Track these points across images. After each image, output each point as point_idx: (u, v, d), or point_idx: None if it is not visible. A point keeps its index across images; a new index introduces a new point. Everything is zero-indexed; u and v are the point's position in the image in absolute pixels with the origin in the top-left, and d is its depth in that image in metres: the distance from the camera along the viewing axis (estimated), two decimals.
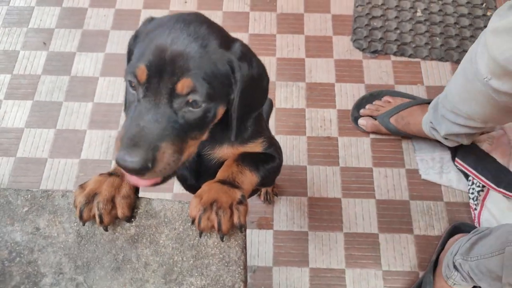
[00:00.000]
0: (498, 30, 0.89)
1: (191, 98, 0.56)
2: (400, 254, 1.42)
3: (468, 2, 1.84)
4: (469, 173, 1.48)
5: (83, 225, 0.60)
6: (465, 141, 1.32)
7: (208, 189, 0.62)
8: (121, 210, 0.59)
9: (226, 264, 0.58)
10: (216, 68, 0.58)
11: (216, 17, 1.82)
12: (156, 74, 0.55)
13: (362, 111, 1.59)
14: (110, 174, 0.62)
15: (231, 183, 0.64)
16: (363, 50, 1.76)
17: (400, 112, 1.50)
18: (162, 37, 0.57)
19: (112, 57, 1.74)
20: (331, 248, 1.43)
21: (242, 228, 0.60)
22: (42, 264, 0.57)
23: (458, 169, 1.51)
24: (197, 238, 0.60)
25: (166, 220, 0.61)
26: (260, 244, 1.43)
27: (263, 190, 1.47)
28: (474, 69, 1.01)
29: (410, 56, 1.74)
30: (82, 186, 0.60)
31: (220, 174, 0.67)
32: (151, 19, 0.63)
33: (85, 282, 0.57)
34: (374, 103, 1.60)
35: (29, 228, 0.59)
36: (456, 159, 1.51)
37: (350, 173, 1.53)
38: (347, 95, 1.67)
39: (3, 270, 0.57)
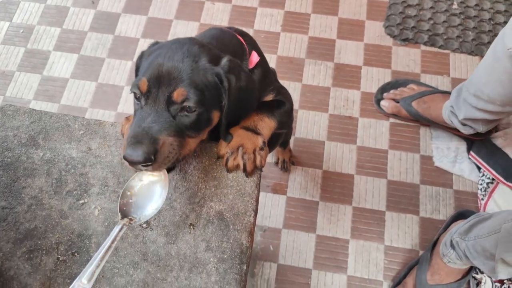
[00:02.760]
0: None
1: (185, 104, 0.67)
2: (403, 232, 1.50)
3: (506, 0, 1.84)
4: (481, 166, 1.53)
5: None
6: (481, 128, 1.37)
7: (235, 135, 0.73)
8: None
9: (241, 195, 0.69)
10: (206, 80, 0.69)
11: None
12: (155, 85, 0.66)
13: (385, 95, 1.66)
14: None
15: (253, 130, 0.74)
16: (394, 37, 1.80)
17: (422, 97, 1.56)
18: (161, 55, 0.69)
19: (153, 20, 1.85)
20: (338, 219, 1.52)
21: (261, 169, 0.71)
22: (91, 176, 0.69)
23: (471, 161, 1.56)
24: (219, 171, 0.70)
25: (195, 154, 0.72)
26: (272, 207, 1.54)
27: (281, 158, 1.57)
28: (502, 44, 1.07)
29: (440, 47, 1.78)
30: (127, 118, 0.72)
31: (243, 122, 0.77)
32: (155, 43, 0.75)
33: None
34: (398, 88, 1.65)
35: (83, 147, 0.71)
36: (471, 152, 1.56)
37: (365, 153, 1.61)
38: (373, 78, 1.73)
39: (60, 177, 0.69)
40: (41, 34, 1.83)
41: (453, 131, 1.59)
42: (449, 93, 1.54)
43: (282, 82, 1.38)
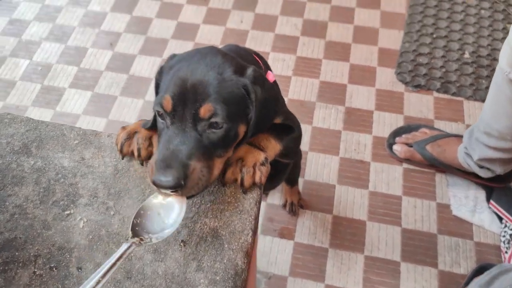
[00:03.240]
0: None
1: (213, 120, 0.62)
2: (421, 286, 1.38)
3: None
4: (502, 215, 1.43)
5: (122, 159, 0.68)
6: (499, 170, 1.30)
7: (237, 149, 0.69)
8: (156, 147, 0.66)
9: (239, 212, 0.63)
10: (233, 92, 0.65)
11: (267, 38, 1.95)
12: (181, 102, 0.63)
13: (397, 139, 1.61)
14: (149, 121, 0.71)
15: (257, 146, 0.70)
16: (406, 83, 1.79)
17: (437, 141, 1.51)
18: (183, 69, 0.65)
19: None
20: (349, 268, 1.41)
21: (261, 186, 0.66)
22: (81, 187, 0.65)
23: (491, 211, 1.47)
24: (217, 186, 0.65)
25: None
26: (279, 253, 1.44)
27: (289, 200, 1.50)
28: (499, 71, 1.06)
29: (453, 94, 1.75)
30: (124, 127, 0.68)
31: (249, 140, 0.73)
32: (173, 56, 0.72)
33: (114, 207, 0.63)
34: (411, 133, 1.61)
35: (76, 157, 0.68)
36: (491, 201, 1.47)
37: (378, 198, 1.53)
38: (385, 123, 1.70)
39: (48, 187, 0.65)
40: (58, 72, 1.88)
41: (471, 178, 1.52)
42: (462, 136, 1.49)
43: None
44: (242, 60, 0.73)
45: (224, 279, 0.58)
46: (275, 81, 0.89)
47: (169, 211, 0.59)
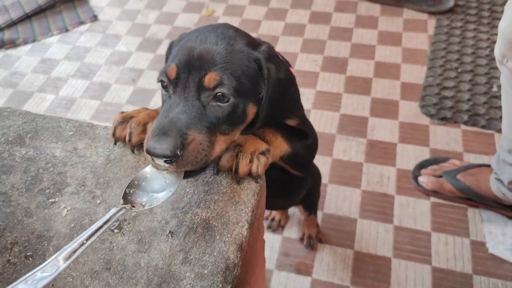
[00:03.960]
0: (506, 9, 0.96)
1: (218, 91, 0.58)
2: None
3: None
4: None
5: (115, 144, 0.64)
6: None
7: (239, 136, 0.63)
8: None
9: (234, 203, 0.57)
10: (244, 65, 0.60)
11: None
12: (185, 70, 0.59)
13: (423, 171, 1.51)
14: (147, 109, 0.67)
15: (260, 138, 0.65)
16: (430, 116, 1.72)
17: (468, 170, 1.41)
18: (192, 39, 0.62)
19: None
20: None
21: (258, 179, 0.59)
22: (70, 176, 0.61)
23: None
24: (213, 176, 0.60)
25: None
26: None
27: (307, 233, 1.40)
28: (502, 72, 1.04)
29: (482, 127, 1.66)
30: (122, 112, 0.65)
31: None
32: (184, 33, 0.69)
33: (101, 196, 0.59)
34: (439, 164, 1.51)
35: (69, 147, 0.65)
36: None
37: (404, 233, 1.41)
38: (409, 156, 1.61)
39: (36, 175, 0.61)
40: (81, 106, 1.92)
41: (507, 213, 1.38)
42: None
43: None
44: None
45: (212, 273, 0.50)
46: (294, 78, 0.84)
47: (162, 182, 0.54)
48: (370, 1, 2.29)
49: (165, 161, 0.53)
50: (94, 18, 2.41)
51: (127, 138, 0.62)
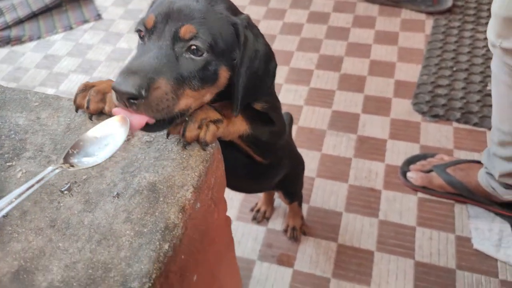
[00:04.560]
0: None
1: (193, 43, 0.59)
2: None
3: None
4: None
5: (76, 111, 0.66)
6: None
7: None
8: (108, 105, 0.64)
9: (182, 168, 0.58)
10: (221, 26, 0.62)
11: (282, 71, 1.97)
12: (163, 20, 0.60)
13: (412, 166, 1.51)
14: (112, 80, 0.69)
15: (217, 110, 0.66)
16: (423, 113, 1.72)
17: (458, 165, 1.40)
18: None
19: None
20: None
21: (206, 146, 0.61)
22: (29, 142, 0.63)
23: None
24: (164, 144, 0.61)
25: None
26: (276, 281, 1.32)
27: (291, 225, 1.41)
28: (494, 55, 1.03)
29: (475, 124, 1.65)
30: (85, 84, 0.67)
31: None
32: None
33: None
34: (427, 159, 1.50)
35: (32, 116, 0.67)
36: None
37: (389, 228, 1.40)
38: (399, 152, 1.60)
39: None
40: None
41: (495, 209, 1.37)
42: None
43: (300, 150, 1.32)
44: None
45: (151, 232, 0.52)
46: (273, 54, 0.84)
47: (106, 143, 0.55)
48: (369, 2, 2.30)
49: (128, 102, 0.54)
50: (98, 16, 2.47)
51: (85, 104, 0.64)
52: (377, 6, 2.27)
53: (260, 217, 1.44)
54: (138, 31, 0.64)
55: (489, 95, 1.71)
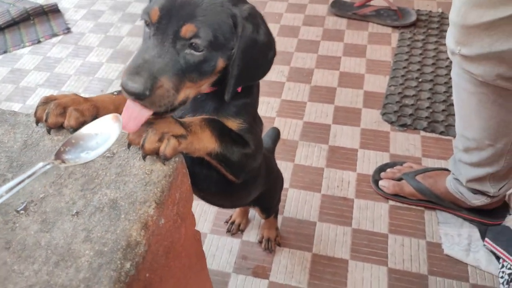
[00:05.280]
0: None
1: (193, 41, 0.63)
2: None
3: None
4: (500, 254, 1.29)
5: (37, 124, 0.64)
6: (492, 190, 1.21)
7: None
8: (68, 119, 0.62)
9: (144, 184, 0.57)
10: (221, 19, 0.65)
11: None
12: (166, 16, 0.63)
13: (383, 174, 1.53)
14: (76, 95, 0.68)
15: (183, 125, 0.65)
16: (391, 123, 1.75)
17: (426, 172, 1.44)
18: None
19: None
20: None
21: (165, 160, 0.60)
22: None
23: (487, 249, 1.33)
24: (126, 159, 0.60)
25: None
26: None
27: (266, 236, 1.40)
28: (454, 62, 1.06)
29: (441, 133, 1.70)
30: (47, 97, 0.66)
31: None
32: None
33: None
34: (395, 167, 1.54)
35: None
36: (486, 239, 1.34)
37: (362, 236, 1.41)
38: (370, 161, 1.63)
39: None
40: None
41: (463, 215, 1.41)
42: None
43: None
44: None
45: (112, 250, 0.50)
46: (258, 88, 0.85)
47: (97, 141, 0.60)
48: (337, 16, 2.35)
49: (134, 99, 0.60)
50: (67, 30, 2.43)
51: (44, 117, 0.62)
52: (345, 20, 2.33)
53: (235, 229, 1.43)
54: (144, 20, 0.66)
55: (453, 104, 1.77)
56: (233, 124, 0.77)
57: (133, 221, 0.53)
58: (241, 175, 0.82)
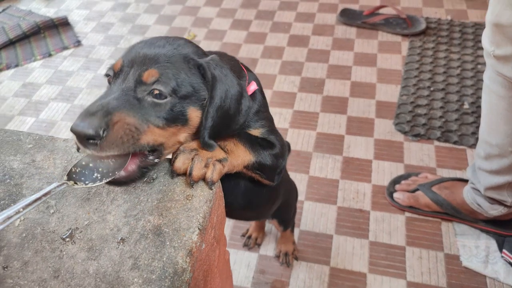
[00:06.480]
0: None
1: (155, 87, 0.59)
2: None
3: None
4: None
5: (78, 151, 0.66)
6: (509, 199, 1.21)
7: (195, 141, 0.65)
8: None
9: (187, 210, 0.58)
10: (186, 69, 0.63)
11: (266, 94, 1.98)
12: (129, 64, 0.62)
13: (397, 186, 1.54)
14: None
15: (221, 147, 0.66)
16: (404, 133, 1.76)
17: (442, 183, 1.44)
18: (143, 42, 0.67)
19: None
20: None
21: (212, 185, 0.61)
22: (25, 187, 0.62)
23: (505, 260, 1.33)
24: (166, 184, 0.61)
25: None
26: None
27: (283, 250, 1.40)
28: (488, 64, 1.05)
29: (455, 143, 1.70)
30: None
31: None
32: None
33: (55, 205, 0.59)
34: (410, 178, 1.54)
35: (27, 159, 0.66)
36: (504, 250, 1.34)
37: (379, 248, 1.42)
38: (384, 172, 1.64)
39: None
40: (61, 128, 1.93)
41: (480, 226, 1.41)
42: (468, 180, 1.41)
43: (289, 173, 1.32)
44: (225, 63, 0.69)
45: (160, 278, 0.51)
46: (261, 92, 0.85)
47: (108, 163, 0.58)
48: (347, 25, 2.37)
49: (89, 144, 0.54)
50: (78, 43, 2.45)
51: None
52: (355, 29, 2.34)
53: (252, 243, 1.44)
54: (107, 75, 0.65)
55: (467, 113, 1.78)
56: (256, 131, 0.78)
57: (178, 248, 0.54)
58: (276, 176, 0.83)
